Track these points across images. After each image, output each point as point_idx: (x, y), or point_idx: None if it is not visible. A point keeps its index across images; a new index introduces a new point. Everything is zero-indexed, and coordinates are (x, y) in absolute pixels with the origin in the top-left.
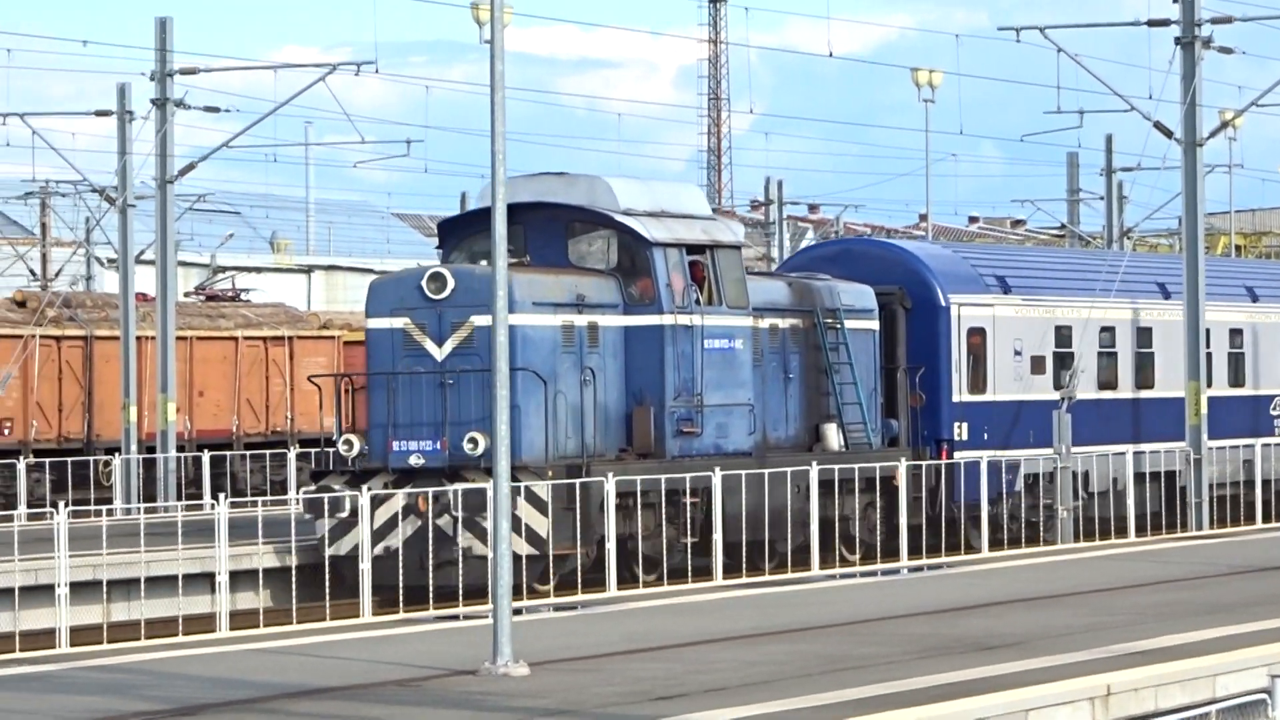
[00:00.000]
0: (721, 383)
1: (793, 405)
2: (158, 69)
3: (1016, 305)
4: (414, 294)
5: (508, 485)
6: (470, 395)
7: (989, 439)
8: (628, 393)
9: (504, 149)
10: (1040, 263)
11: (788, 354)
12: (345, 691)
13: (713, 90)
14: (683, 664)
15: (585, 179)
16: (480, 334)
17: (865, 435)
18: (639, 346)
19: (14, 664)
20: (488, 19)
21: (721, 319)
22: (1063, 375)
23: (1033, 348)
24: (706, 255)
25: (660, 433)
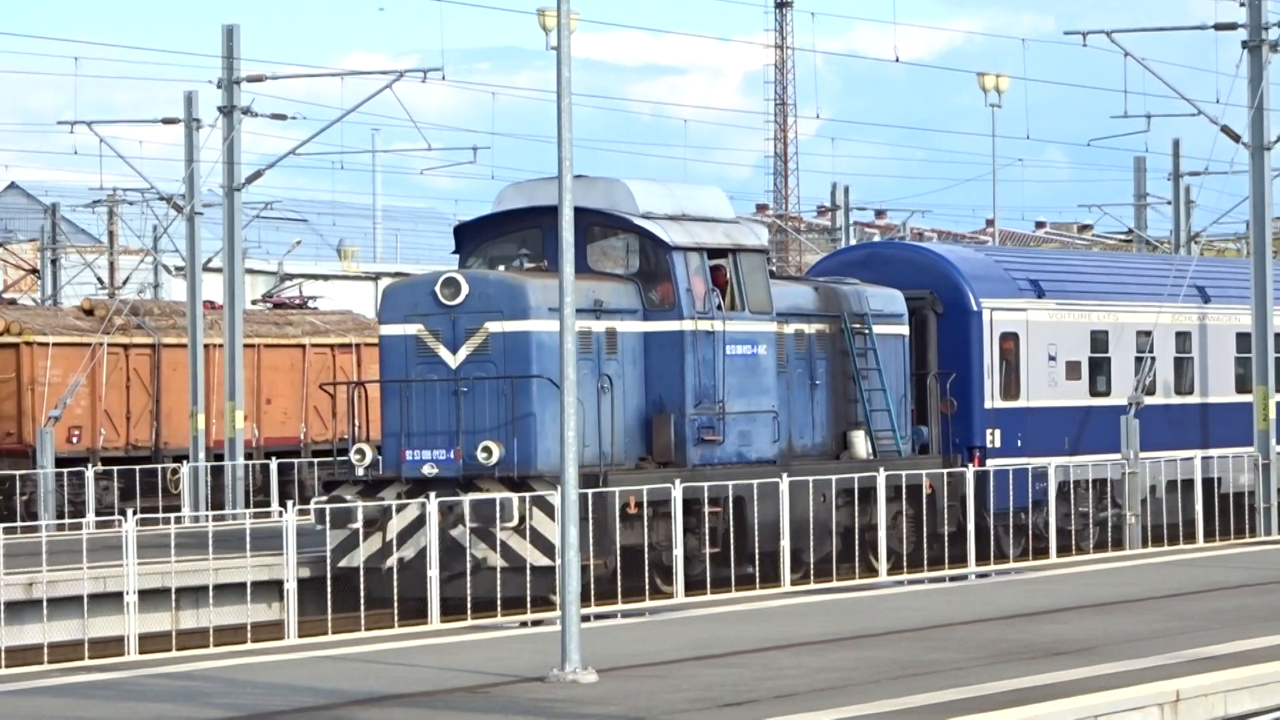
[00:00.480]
0: (744, 389)
1: (819, 412)
2: (225, 76)
3: (1050, 309)
4: (427, 300)
5: (574, 492)
6: (484, 403)
7: (1023, 446)
8: (647, 400)
9: (570, 155)
10: (1075, 266)
11: (814, 360)
12: (414, 699)
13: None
14: (751, 670)
15: (604, 181)
16: (495, 341)
17: (894, 443)
18: (659, 353)
19: (83, 671)
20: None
21: (744, 324)
22: (1098, 380)
23: (1068, 353)
24: (729, 259)
25: (681, 441)
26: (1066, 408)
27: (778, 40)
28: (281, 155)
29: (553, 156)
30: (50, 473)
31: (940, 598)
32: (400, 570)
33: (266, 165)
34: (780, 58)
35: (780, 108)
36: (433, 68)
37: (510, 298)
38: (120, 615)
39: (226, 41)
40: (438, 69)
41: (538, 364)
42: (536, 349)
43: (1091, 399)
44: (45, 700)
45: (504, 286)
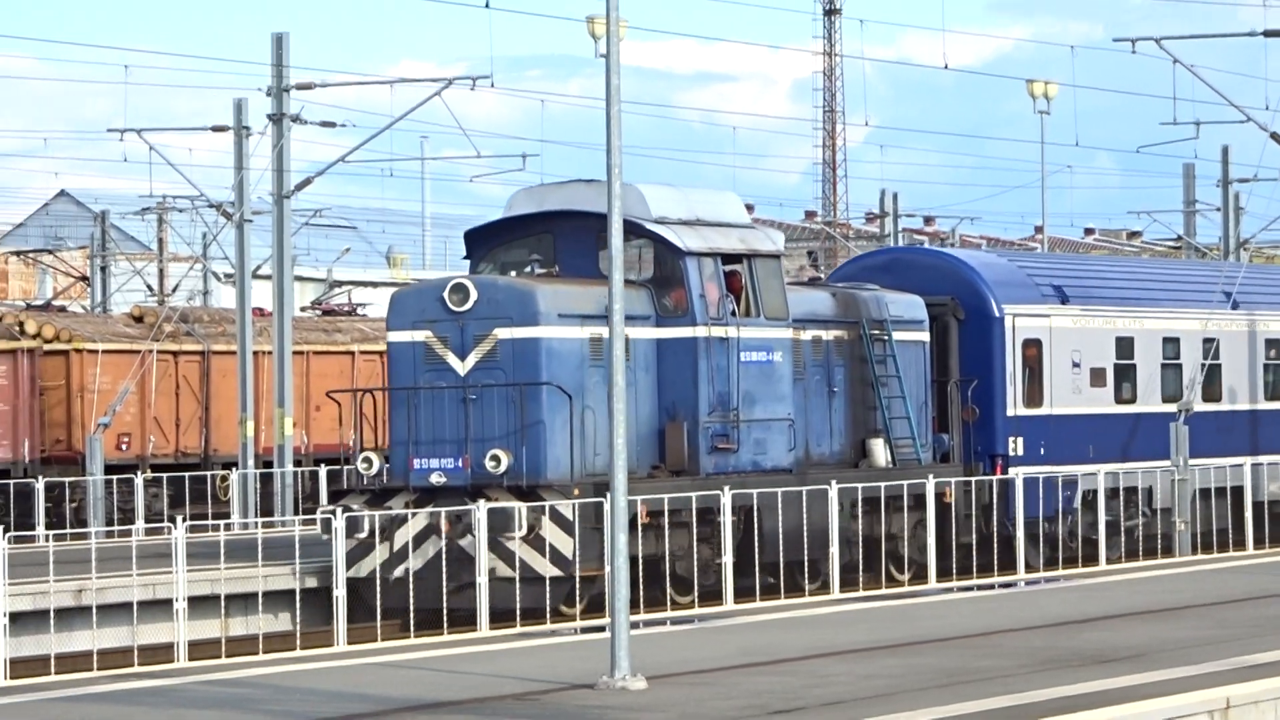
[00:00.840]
0: (759, 397)
1: (837, 420)
2: (274, 84)
3: (1075, 315)
4: (435, 306)
5: (624, 499)
6: (493, 411)
7: (1046, 454)
8: (660, 408)
9: (620, 163)
10: (1100, 272)
11: (832, 367)
12: (463, 705)
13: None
14: (799, 677)
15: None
16: (504, 347)
17: (914, 450)
18: (672, 360)
19: (133, 678)
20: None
21: (759, 331)
22: (1123, 387)
23: (1092, 359)
24: (744, 265)
25: (694, 449)
26: (1091, 415)
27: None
28: (331, 162)
29: (602, 164)
30: (100, 480)
31: (987, 605)
32: (402, 582)
33: (316, 172)
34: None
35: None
36: (482, 75)
37: (519, 304)
38: (169, 622)
39: (276, 49)
40: (487, 76)
41: (547, 371)
42: (546, 356)
43: (1117, 406)
44: (94, 707)
45: (513, 292)
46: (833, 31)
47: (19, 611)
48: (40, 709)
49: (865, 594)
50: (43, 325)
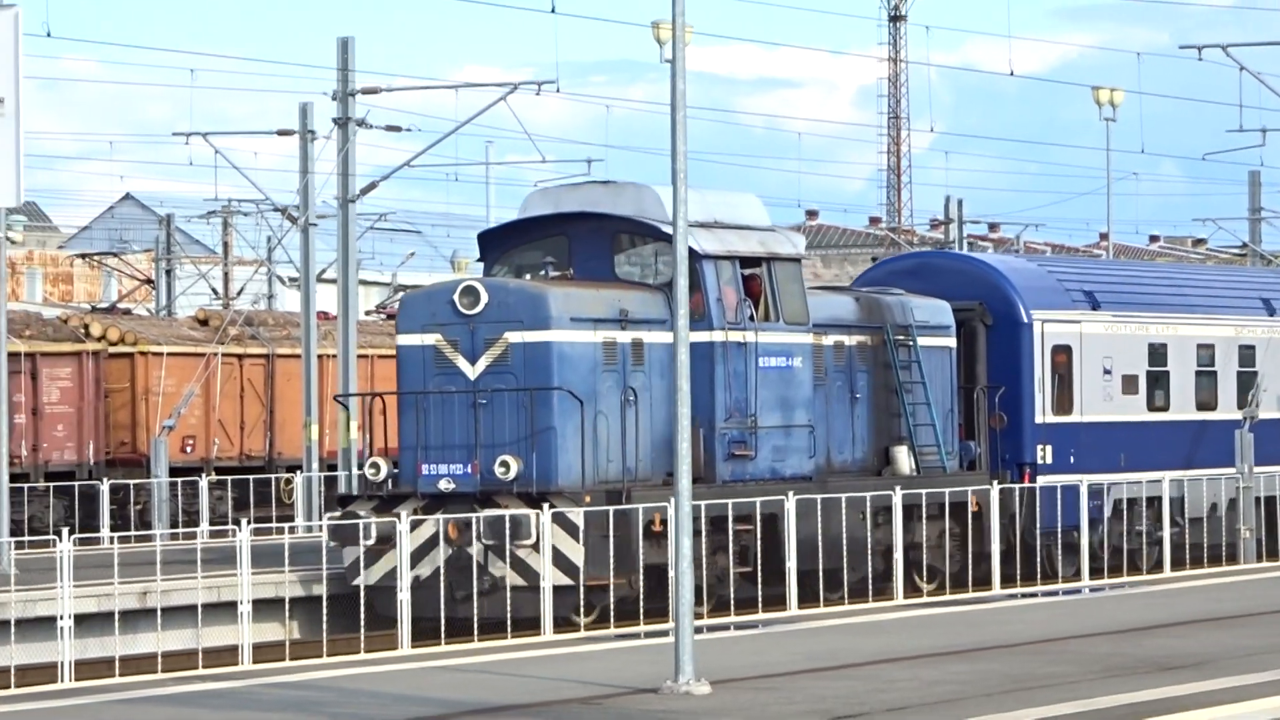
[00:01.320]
0: (778, 403)
1: (860, 427)
2: (340, 88)
3: (1106, 322)
4: (446, 309)
5: (689, 503)
6: (504, 416)
7: (1075, 463)
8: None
9: (685, 168)
10: (1132, 277)
11: (855, 372)
12: (527, 709)
13: (892, 109)
14: (863, 682)
15: (633, 187)
16: (515, 351)
17: (939, 458)
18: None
19: (197, 680)
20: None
21: (778, 336)
22: (1156, 395)
23: (1124, 366)
24: (763, 268)
25: (710, 456)
26: (1122, 423)
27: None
28: (396, 167)
29: (667, 169)
30: (164, 482)
31: (1052, 611)
32: (415, 589)
33: (381, 177)
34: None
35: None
36: (547, 80)
37: (531, 307)
38: (234, 625)
39: (341, 54)
40: (552, 81)
41: (559, 375)
42: (558, 360)
43: (1149, 414)
44: (159, 709)
45: (524, 295)
46: (897, 38)
47: (84, 613)
48: (105, 711)
49: (930, 600)
50: (108, 328)
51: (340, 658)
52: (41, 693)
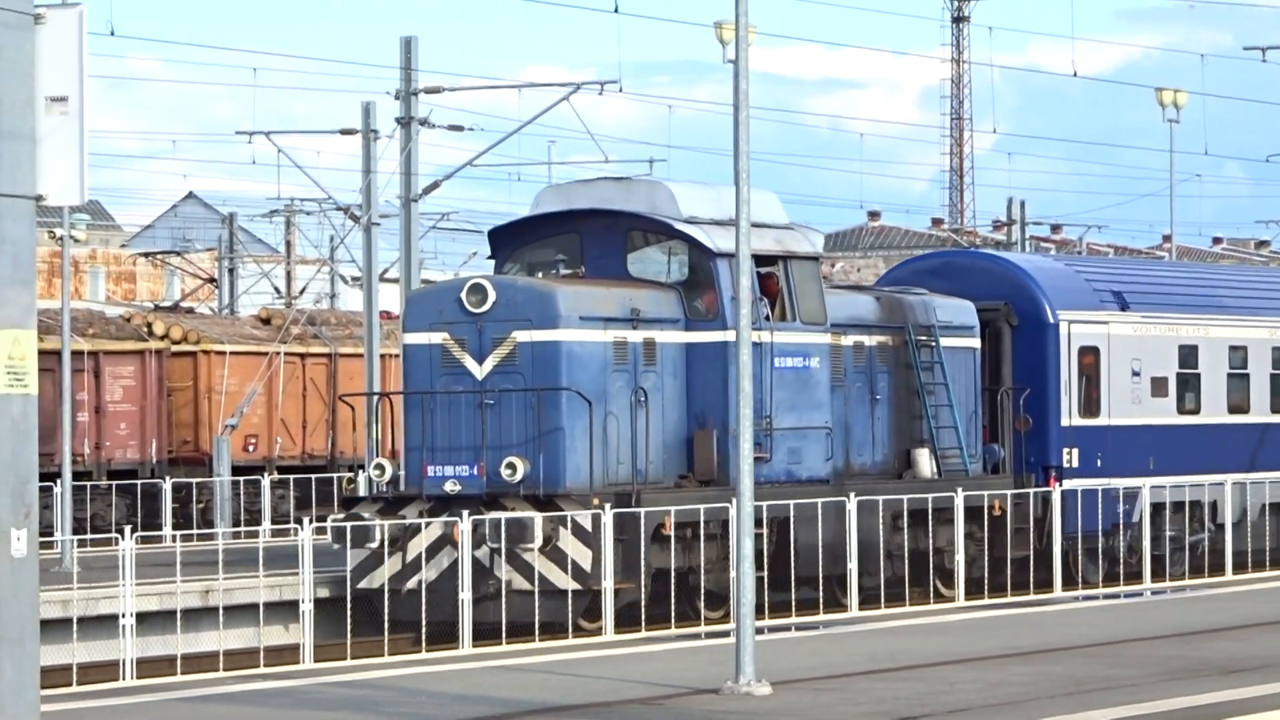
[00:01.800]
0: (794, 404)
1: (880, 429)
2: (402, 88)
3: (1135, 323)
4: (453, 307)
5: (750, 504)
6: (511, 417)
7: (1103, 466)
8: (689, 415)
9: (748, 168)
10: (1163, 278)
11: (875, 373)
12: (588, 710)
13: (955, 110)
14: (926, 684)
15: (646, 184)
16: (523, 350)
17: (962, 461)
18: (701, 365)
19: (259, 679)
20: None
21: (794, 336)
22: (1186, 397)
23: (1153, 368)
24: (779, 267)
25: (724, 458)
26: (1151, 426)
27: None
28: (459, 167)
29: (729, 169)
30: (226, 481)
31: (1115, 613)
32: (415, 594)
33: (444, 176)
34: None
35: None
36: (610, 80)
37: (539, 306)
38: (295, 623)
39: (404, 53)
40: (614, 81)
41: (567, 375)
42: (566, 360)
43: (1179, 417)
44: (220, 707)
45: (532, 294)
46: (960, 39)
47: (146, 612)
48: (166, 709)
49: (991, 601)
50: (170, 326)
51: (401, 657)
52: (103, 691)
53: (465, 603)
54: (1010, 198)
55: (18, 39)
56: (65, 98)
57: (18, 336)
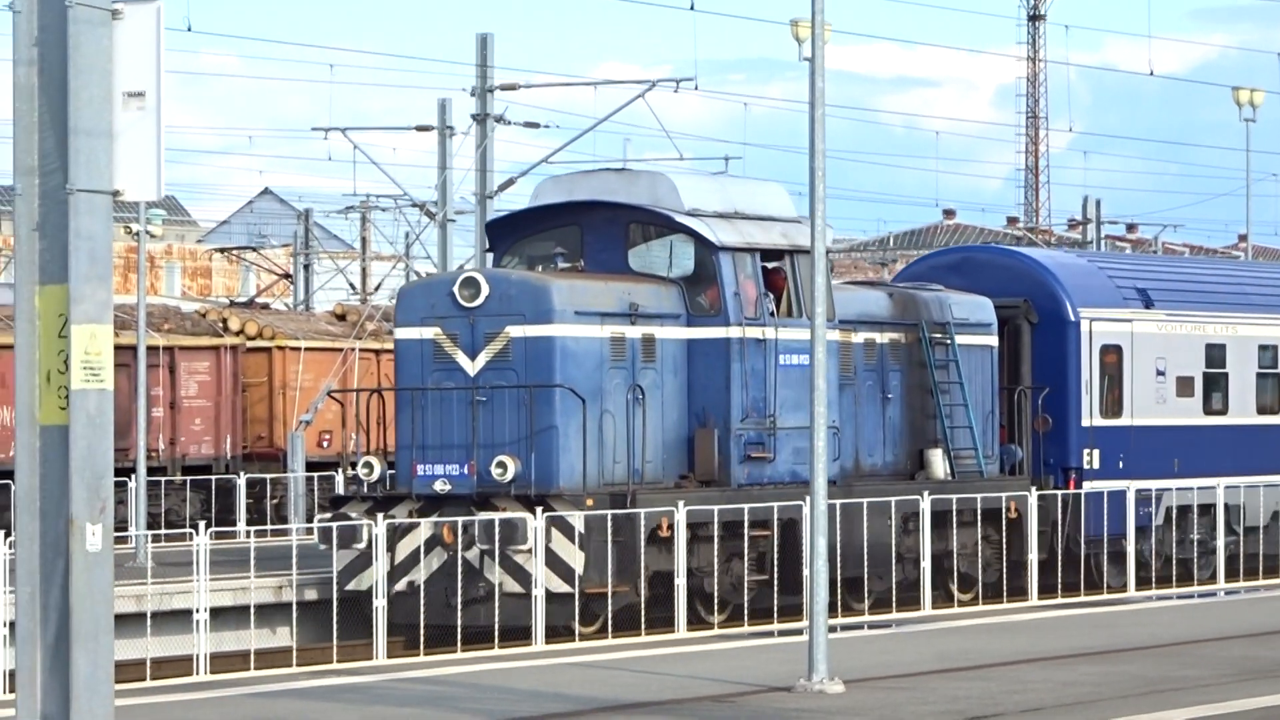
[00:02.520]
0: (800, 403)
1: (891, 429)
2: (478, 84)
3: (1160, 321)
4: (446, 301)
5: (824, 502)
6: (504, 414)
7: (1125, 468)
8: (690, 413)
9: (823, 166)
10: (1190, 275)
11: (886, 372)
12: (661, 706)
13: (1031, 108)
14: (997, 683)
15: (647, 175)
16: (516, 346)
17: (977, 462)
18: (702, 362)
19: (333, 674)
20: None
21: (801, 332)
22: (1213, 397)
23: (1179, 367)
24: (786, 261)
25: (725, 458)
26: (1176, 427)
27: (1030, 53)
28: (534, 163)
29: (803, 166)
30: (301, 476)
31: (1187, 613)
32: (412, 595)
33: (519, 173)
34: (1032, 70)
35: (1032, 120)
36: (685, 78)
37: (533, 300)
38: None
39: (480, 50)
40: (690, 79)
41: (561, 372)
42: (561, 356)
43: (1205, 418)
44: (294, 702)
45: (526, 287)
46: (1036, 37)
47: (220, 607)
48: (240, 704)
49: (1064, 601)
50: (246, 322)
51: (473, 653)
52: (177, 685)
53: (538, 599)
54: (1085, 196)
55: (96, 34)
56: (142, 93)
57: (94, 331)
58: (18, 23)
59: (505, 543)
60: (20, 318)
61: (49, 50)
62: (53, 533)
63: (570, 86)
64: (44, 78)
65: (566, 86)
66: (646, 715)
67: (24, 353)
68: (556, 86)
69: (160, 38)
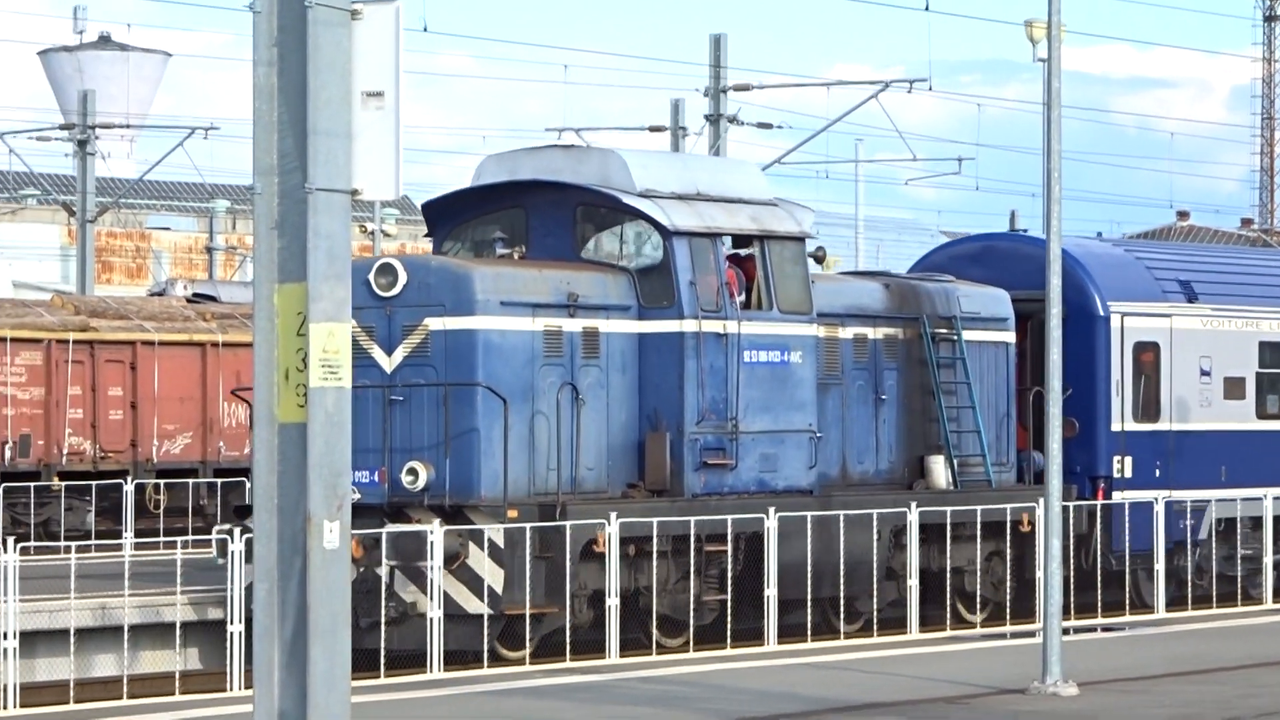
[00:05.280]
0: (769, 404)
1: (887, 432)
2: (711, 85)
3: (1205, 316)
4: (361, 290)
5: (1059, 504)
6: (422, 415)
7: (1162, 477)
8: (640, 415)
9: (1059, 167)
10: (1240, 265)
11: (881, 370)
12: (896, 707)
13: (1266, 109)
14: (1232, 687)
15: (598, 153)
16: (436, 340)
17: (985, 470)
18: (655, 358)
19: (564, 673)
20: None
21: (770, 326)
22: (1268, 400)
23: (1226, 367)
24: (755, 248)
25: (678, 465)
26: (1223, 432)
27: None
28: (767, 164)
29: (1037, 167)
30: None
31: None
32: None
33: None
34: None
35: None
36: (918, 78)
37: (453, 289)
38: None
39: (714, 51)
40: (924, 79)
41: (484, 369)
42: (484, 351)
43: (1259, 422)
44: (529, 701)
45: (446, 275)
46: (1272, 38)
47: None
48: (473, 702)
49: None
50: None
51: (704, 653)
52: (411, 683)
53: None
54: None
55: (335, 35)
56: (381, 93)
57: (332, 329)
58: (257, 24)
59: (415, 558)
60: (259, 315)
61: (288, 51)
62: (290, 530)
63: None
64: (283, 78)
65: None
66: (880, 716)
67: (263, 350)
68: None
69: (399, 38)
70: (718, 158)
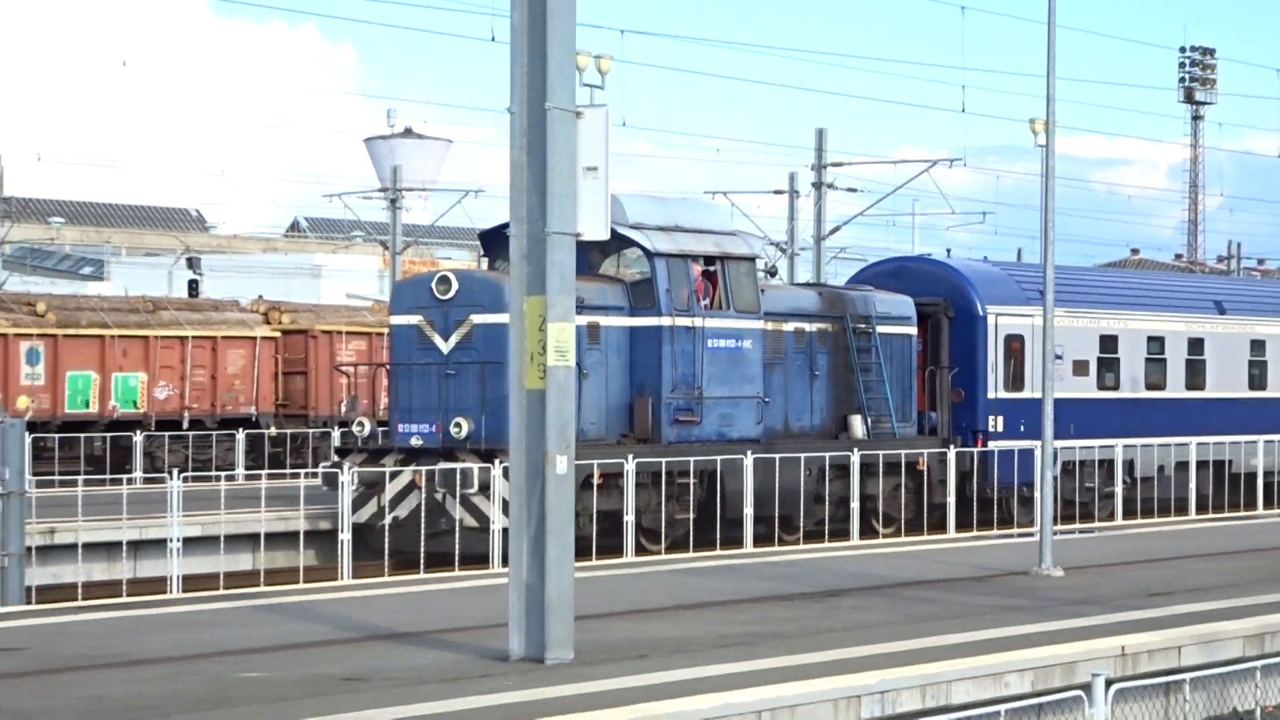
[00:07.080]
0: (727, 378)
1: (819, 398)
2: (816, 163)
3: (1057, 315)
4: (427, 294)
5: (1051, 445)
6: (468, 384)
7: (1025, 431)
8: (631, 385)
9: (1053, 220)
10: (1091, 280)
11: (815, 354)
12: (939, 584)
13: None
14: (1172, 571)
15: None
16: (478, 331)
17: (890, 425)
18: (642, 345)
19: (712, 559)
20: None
21: (728, 321)
22: (1106, 376)
23: (1074, 352)
24: (717, 265)
25: (657, 420)
26: (1071, 399)
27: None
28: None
29: (1037, 219)
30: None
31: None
32: (394, 528)
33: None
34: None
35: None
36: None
37: (490, 293)
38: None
39: (818, 138)
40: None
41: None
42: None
43: (1099, 392)
44: (680, 578)
45: (486, 284)
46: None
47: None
48: (658, 577)
49: (1213, 516)
50: None
51: (814, 545)
52: (613, 564)
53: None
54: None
55: (566, 128)
56: (596, 167)
57: (562, 328)
58: (513, 120)
59: (462, 486)
60: (514, 317)
61: (534, 139)
62: (533, 461)
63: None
64: (530, 156)
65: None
66: (930, 589)
67: (516, 340)
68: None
69: (608, 130)
70: (693, 199)
